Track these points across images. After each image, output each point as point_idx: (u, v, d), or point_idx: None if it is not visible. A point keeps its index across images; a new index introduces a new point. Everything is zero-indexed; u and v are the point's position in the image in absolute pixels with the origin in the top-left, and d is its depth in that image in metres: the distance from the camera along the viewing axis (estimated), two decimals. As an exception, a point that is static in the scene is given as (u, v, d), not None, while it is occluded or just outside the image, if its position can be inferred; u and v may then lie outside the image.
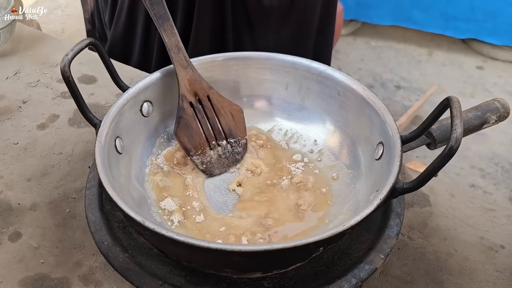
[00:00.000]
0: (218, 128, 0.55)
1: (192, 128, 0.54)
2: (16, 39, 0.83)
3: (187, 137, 0.53)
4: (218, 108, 0.55)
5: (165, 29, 0.53)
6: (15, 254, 0.49)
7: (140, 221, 0.39)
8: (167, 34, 0.53)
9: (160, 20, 0.53)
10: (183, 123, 0.53)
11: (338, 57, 2.15)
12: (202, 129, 0.54)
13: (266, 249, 0.37)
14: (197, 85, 0.54)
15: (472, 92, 1.99)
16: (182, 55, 0.53)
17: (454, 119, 0.40)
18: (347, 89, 0.55)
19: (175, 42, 0.53)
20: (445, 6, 2.08)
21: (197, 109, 0.54)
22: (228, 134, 0.56)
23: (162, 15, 0.53)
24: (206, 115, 0.55)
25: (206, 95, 0.55)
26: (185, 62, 0.54)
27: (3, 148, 0.62)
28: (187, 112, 0.53)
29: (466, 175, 1.59)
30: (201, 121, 0.54)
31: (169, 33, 0.53)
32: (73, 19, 2.29)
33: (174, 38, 0.53)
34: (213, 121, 0.55)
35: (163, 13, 0.53)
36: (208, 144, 0.55)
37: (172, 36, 0.53)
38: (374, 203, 0.41)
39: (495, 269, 0.50)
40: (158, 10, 0.53)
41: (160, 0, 0.53)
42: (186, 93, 0.53)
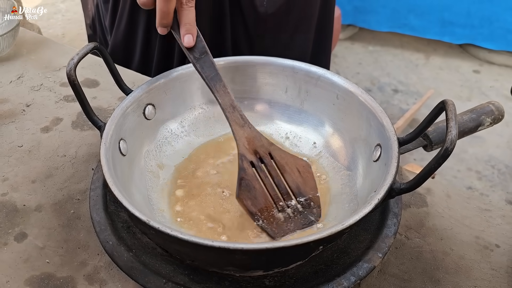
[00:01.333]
0: (284, 187, 0.50)
1: (255, 189, 0.49)
2: (19, 43, 0.84)
3: (251, 200, 0.49)
4: (282, 165, 0.51)
5: (218, 90, 0.51)
6: (21, 254, 0.51)
7: (145, 220, 0.40)
8: (220, 95, 0.51)
9: (212, 82, 0.52)
10: (244, 185, 0.49)
11: (336, 61, 2.17)
12: (267, 189, 0.50)
13: (268, 247, 0.38)
14: (257, 143, 0.51)
15: (468, 95, 2.01)
16: (237, 114, 0.51)
17: (449, 122, 0.42)
18: (345, 93, 0.57)
19: (229, 101, 0.51)
20: (441, 12, 2.11)
21: (259, 168, 0.50)
22: (296, 192, 0.50)
23: (213, 77, 0.52)
24: (270, 174, 0.51)
25: (268, 152, 0.51)
26: (241, 120, 0.51)
27: (8, 150, 0.63)
28: (248, 172, 0.49)
29: (463, 177, 1.61)
30: (264, 181, 0.50)
31: (222, 93, 0.51)
32: (73, 24, 2.31)
33: (227, 98, 0.51)
34: (278, 179, 0.50)
35: (214, 75, 0.52)
36: (275, 205, 0.50)
37: (226, 96, 0.51)
38: (372, 203, 0.42)
39: (491, 267, 0.51)
40: (209, 72, 0.52)
41: (211, 63, 0.52)
42: (246, 153, 0.50)
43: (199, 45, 0.53)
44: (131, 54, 0.92)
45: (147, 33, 0.88)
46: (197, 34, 0.53)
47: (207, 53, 0.53)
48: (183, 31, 0.52)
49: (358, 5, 2.20)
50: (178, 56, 0.87)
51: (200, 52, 0.53)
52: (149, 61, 0.92)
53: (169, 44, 0.87)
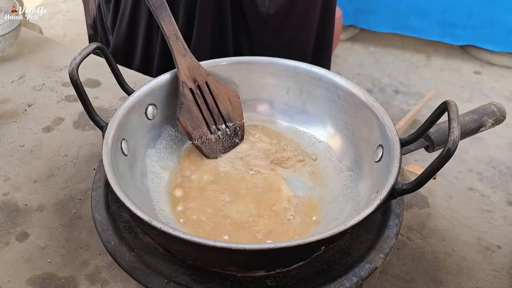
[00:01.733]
0: (217, 113, 0.57)
1: (193, 113, 0.56)
2: (21, 43, 0.84)
3: (189, 122, 0.55)
4: (216, 94, 0.57)
5: (163, 19, 0.55)
6: (23, 254, 0.50)
7: (148, 220, 0.40)
8: (165, 23, 0.55)
9: (158, 9, 0.55)
10: (184, 109, 0.55)
11: (337, 62, 2.17)
12: (202, 114, 0.56)
13: (270, 248, 0.38)
14: (196, 72, 0.56)
15: (469, 96, 2.01)
16: (180, 43, 0.56)
17: (451, 122, 0.42)
18: (347, 93, 0.57)
19: (173, 31, 0.55)
20: (443, 13, 2.10)
21: (197, 95, 0.56)
22: (226, 118, 0.58)
23: (159, 5, 0.55)
24: (205, 101, 0.57)
25: (205, 81, 0.57)
26: (183, 50, 0.56)
27: (10, 150, 0.63)
28: (188, 98, 0.55)
29: (464, 178, 1.60)
30: (201, 107, 0.56)
31: (167, 22, 0.55)
32: (74, 24, 2.31)
33: (172, 27, 0.55)
34: (212, 106, 0.57)
35: (161, 3, 0.55)
36: (209, 128, 0.57)
37: (170, 25, 0.55)
38: (374, 203, 0.42)
39: (492, 268, 0.51)
40: (156, 0, 0.55)
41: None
42: (186, 80, 0.55)
43: None
44: (132, 54, 0.93)
45: (148, 33, 0.88)
46: None
47: None
48: None
49: (359, 6, 2.20)
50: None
51: None
52: (150, 61, 0.92)
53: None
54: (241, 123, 0.59)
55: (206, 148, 0.57)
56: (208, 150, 0.57)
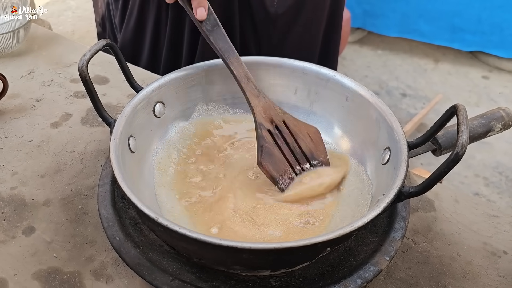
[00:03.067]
0: (299, 152, 0.54)
1: (275, 155, 0.53)
2: (31, 39, 0.85)
3: (272, 166, 0.52)
4: (295, 132, 0.54)
5: (232, 62, 0.54)
6: (29, 248, 0.51)
7: (154, 217, 0.40)
8: (235, 66, 0.54)
9: (226, 53, 0.53)
10: (265, 152, 0.52)
11: (344, 64, 2.17)
12: (284, 155, 0.53)
13: (276, 247, 0.38)
14: (272, 112, 0.54)
15: (477, 101, 2.00)
16: (252, 85, 0.54)
17: (460, 126, 0.41)
18: (355, 95, 0.57)
19: (243, 73, 0.54)
20: (452, 18, 2.09)
21: (276, 135, 0.53)
22: (310, 157, 0.54)
23: (227, 49, 0.54)
24: (285, 141, 0.54)
25: (282, 120, 0.54)
26: (256, 91, 0.54)
27: (18, 145, 0.64)
28: (267, 140, 0.53)
29: (470, 183, 1.60)
30: (281, 147, 0.53)
31: (236, 65, 0.54)
32: (83, 21, 2.32)
33: (242, 69, 0.54)
34: (293, 146, 0.54)
35: (228, 47, 0.54)
36: (293, 169, 0.53)
37: (240, 67, 0.54)
38: (381, 206, 0.42)
39: (498, 274, 0.51)
40: (223, 44, 0.54)
41: (223, 35, 0.54)
42: (263, 121, 0.53)
43: (210, 18, 0.54)
44: (140, 51, 0.93)
45: (155, 31, 0.88)
46: (208, 7, 0.54)
47: (218, 25, 0.54)
48: (195, 3, 0.53)
49: (368, 9, 2.19)
50: (186, 54, 0.87)
51: (212, 25, 0.54)
52: (158, 59, 0.92)
53: (177, 42, 0.87)
54: (326, 159, 0.55)
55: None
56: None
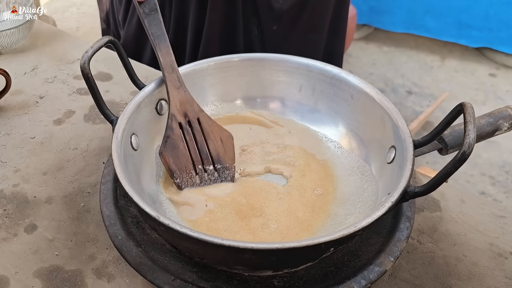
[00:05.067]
0: (206, 152, 0.53)
1: (179, 149, 0.52)
2: (34, 35, 0.85)
3: (173, 158, 0.51)
4: (207, 132, 0.54)
5: (161, 49, 0.53)
6: (31, 246, 0.51)
7: (155, 216, 0.39)
8: (163, 53, 0.53)
9: (157, 40, 0.53)
10: (170, 143, 0.51)
11: (350, 61, 2.15)
12: (189, 151, 0.52)
13: (278, 247, 0.37)
14: (188, 107, 0.53)
15: (484, 99, 1.98)
16: (175, 75, 0.53)
17: (467, 125, 0.41)
18: (360, 93, 0.56)
19: (169, 62, 0.53)
20: (459, 14, 2.07)
21: (186, 130, 0.53)
22: (216, 159, 0.53)
23: (159, 35, 0.54)
24: (195, 138, 0.53)
25: (197, 118, 0.53)
26: (178, 82, 0.53)
27: (20, 142, 0.64)
28: (175, 132, 0.52)
29: (476, 182, 1.58)
30: (188, 143, 0.53)
31: (165, 53, 0.53)
32: (87, 17, 2.32)
33: (169, 58, 0.53)
34: (202, 144, 0.53)
35: (160, 33, 0.54)
36: (194, 167, 0.52)
37: (168, 56, 0.53)
38: (386, 205, 0.41)
39: (504, 275, 0.50)
40: (156, 30, 0.54)
41: (159, 21, 0.54)
42: (176, 113, 0.52)
43: (150, 2, 0.54)
44: (143, 48, 0.92)
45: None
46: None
47: (156, 11, 0.54)
48: None
49: (374, 5, 2.18)
50: (189, 51, 0.87)
51: (150, 9, 0.54)
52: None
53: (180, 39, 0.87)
54: (232, 166, 0.54)
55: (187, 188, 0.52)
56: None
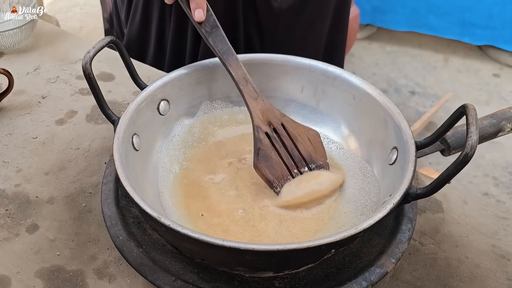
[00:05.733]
0: (298, 156, 0.53)
1: (271, 158, 0.52)
2: (37, 35, 0.85)
3: (268, 169, 0.51)
4: (294, 135, 0.54)
5: (231, 64, 0.53)
6: (32, 246, 0.51)
7: (156, 217, 0.39)
8: (233, 68, 0.53)
9: (225, 55, 0.53)
10: (262, 155, 0.51)
11: (352, 61, 2.15)
12: (282, 158, 0.52)
13: (279, 249, 0.37)
14: (270, 114, 0.53)
15: (487, 100, 1.97)
16: (250, 87, 0.53)
17: (469, 126, 0.40)
18: (362, 94, 0.56)
19: (242, 75, 0.53)
20: (462, 13, 2.06)
21: (274, 138, 0.53)
22: (308, 160, 0.53)
23: (226, 51, 0.53)
24: (283, 144, 0.53)
25: (280, 123, 0.53)
26: (254, 93, 0.53)
27: (22, 142, 0.64)
28: (264, 143, 0.52)
29: (479, 183, 1.58)
30: (279, 151, 0.52)
31: (235, 67, 0.53)
32: (91, 17, 2.32)
33: (240, 71, 0.53)
34: (292, 148, 0.53)
35: (227, 48, 0.53)
36: (290, 173, 0.52)
37: (238, 69, 0.53)
38: (387, 207, 0.41)
39: (507, 277, 0.50)
40: (222, 46, 0.53)
41: (222, 37, 0.53)
42: (261, 124, 0.52)
43: (210, 19, 0.54)
44: (146, 47, 0.92)
45: (160, 27, 0.88)
46: (207, 8, 0.53)
47: (218, 27, 0.54)
48: (193, 5, 0.53)
49: (377, 5, 2.17)
50: (190, 51, 0.87)
51: (211, 26, 0.54)
52: (163, 55, 0.92)
53: (181, 39, 0.87)
54: (325, 163, 0.54)
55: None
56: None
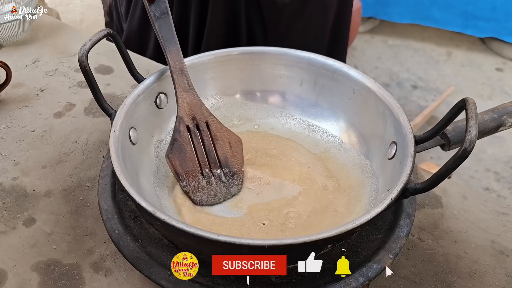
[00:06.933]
0: (214, 156, 0.52)
1: (186, 152, 0.51)
2: (36, 28, 0.84)
3: (179, 161, 0.51)
4: (216, 136, 0.53)
5: (171, 52, 0.53)
6: (29, 239, 0.51)
7: (151, 211, 0.39)
8: (172, 57, 0.53)
9: (167, 43, 0.53)
10: (176, 146, 0.51)
11: (354, 55, 2.14)
12: (197, 155, 0.52)
13: (275, 244, 0.37)
14: (197, 110, 0.53)
15: (490, 94, 1.96)
16: (184, 79, 0.53)
17: (469, 121, 0.40)
18: (362, 87, 0.55)
19: (179, 65, 0.53)
20: (465, 5, 2.05)
21: (194, 133, 0.52)
22: (223, 163, 0.53)
23: (169, 38, 0.53)
24: (203, 141, 0.53)
25: (205, 121, 0.53)
26: (187, 85, 0.53)
27: (20, 135, 0.63)
28: (182, 135, 0.51)
29: (480, 178, 1.57)
30: (196, 147, 0.52)
31: (174, 56, 0.53)
32: (92, 10, 2.31)
33: (178, 61, 0.53)
34: (209, 148, 0.53)
35: (170, 36, 0.53)
36: (201, 171, 0.52)
37: (177, 59, 0.53)
38: (385, 202, 0.41)
39: (506, 273, 0.49)
40: (166, 33, 0.53)
41: (170, 25, 0.53)
42: (184, 116, 0.52)
43: (161, 5, 0.54)
44: (146, 41, 0.92)
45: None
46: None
47: (167, 14, 0.54)
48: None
49: (380, -3, 2.16)
50: (192, 46, 0.86)
51: (161, 12, 0.53)
52: (164, 49, 0.91)
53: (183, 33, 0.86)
54: (240, 171, 0.53)
55: (194, 194, 0.51)
56: (196, 195, 0.51)
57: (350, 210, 0.50)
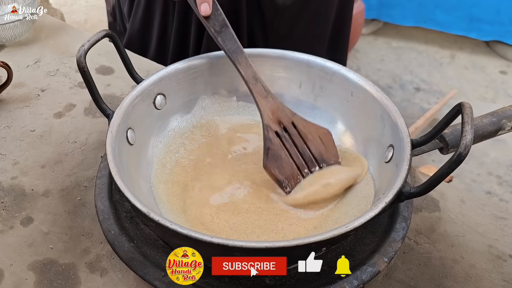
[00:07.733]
0: (309, 155, 0.52)
1: (281, 158, 0.51)
2: (38, 28, 0.85)
3: (278, 169, 0.51)
4: (305, 134, 0.53)
5: (240, 63, 0.52)
6: (26, 239, 0.51)
7: (146, 212, 0.39)
8: (243, 67, 0.52)
9: (234, 54, 0.52)
10: (271, 155, 0.51)
11: (357, 57, 2.13)
12: (292, 158, 0.52)
13: (268, 247, 0.37)
14: (280, 113, 0.52)
15: (493, 97, 1.95)
16: (260, 85, 0.52)
17: (464, 125, 0.40)
18: (360, 90, 0.55)
19: (251, 73, 0.52)
20: (470, 8, 2.04)
21: (284, 137, 0.52)
22: (319, 159, 0.52)
23: (235, 50, 0.52)
24: (294, 143, 0.52)
25: (291, 122, 0.53)
26: (264, 92, 0.52)
27: (20, 134, 0.64)
28: (274, 142, 0.51)
29: (482, 181, 1.56)
30: (289, 150, 0.52)
31: (244, 65, 0.52)
32: (96, 10, 2.32)
33: (250, 70, 0.52)
34: (302, 148, 0.52)
35: (236, 47, 0.53)
36: (300, 173, 0.52)
37: (248, 68, 0.52)
38: (379, 206, 0.41)
39: (502, 278, 0.49)
40: (231, 45, 0.52)
41: (232, 35, 0.53)
42: (270, 123, 0.51)
43: (219, 18, 0.53)
44: (148, 42, 0.92)
45: (163, 22, 0.88)
46: (214, 6, 0.53)
47: (227, 26, 0.53)
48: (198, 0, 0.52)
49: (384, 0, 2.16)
50: (193, 47, 0.86)
51: (221, 25, 0.53)
52: (165, 50, 0.91)
53: (184, 34, 0.86)
54: (337, 162, 0.53)
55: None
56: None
57: (344, 213, 0.50)
